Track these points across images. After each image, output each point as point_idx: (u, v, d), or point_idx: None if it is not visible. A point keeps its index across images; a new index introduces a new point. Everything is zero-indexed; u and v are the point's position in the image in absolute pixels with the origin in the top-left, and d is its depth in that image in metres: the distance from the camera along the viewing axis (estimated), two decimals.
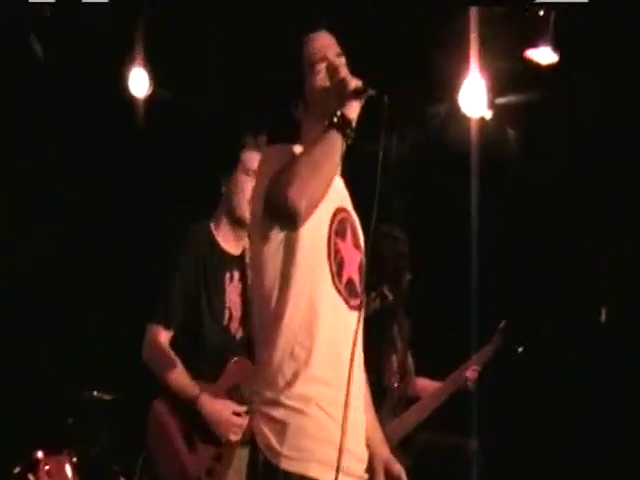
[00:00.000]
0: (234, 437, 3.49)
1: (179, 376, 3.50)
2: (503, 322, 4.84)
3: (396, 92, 2.65)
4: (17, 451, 4.11)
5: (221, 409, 3.48)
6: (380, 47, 4.96)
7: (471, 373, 4.77)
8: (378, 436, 2.73)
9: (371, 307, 4.62)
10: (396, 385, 4.81)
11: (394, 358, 4.83)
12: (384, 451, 2.71)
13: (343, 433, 2.40)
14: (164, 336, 3.57)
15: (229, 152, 3.72)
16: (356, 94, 2.49)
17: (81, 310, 5.82)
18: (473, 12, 5.04)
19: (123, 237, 5.95)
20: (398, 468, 2.70)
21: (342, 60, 2.63)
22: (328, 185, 2.46)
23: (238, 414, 3.50)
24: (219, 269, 3.64)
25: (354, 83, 2.50)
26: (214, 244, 3.67)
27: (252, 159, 3.57)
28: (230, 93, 5.79)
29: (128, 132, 5.95)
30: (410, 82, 5.17)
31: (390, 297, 4.78)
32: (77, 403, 4.59)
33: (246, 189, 3.57)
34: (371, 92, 2.49)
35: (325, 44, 2.64)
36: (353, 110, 2.48)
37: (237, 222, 3.66)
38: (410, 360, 5.04)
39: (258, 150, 3.58)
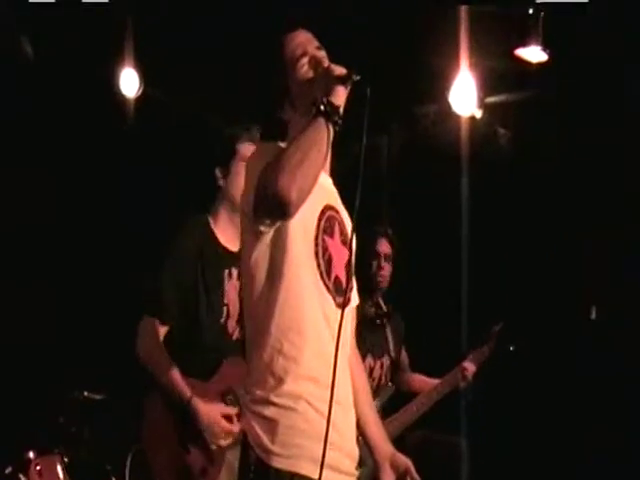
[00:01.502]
0: (224, 443, 3.44)
1: (172, 376, 3.44)
2: (499, 324, 4.83)
3: (386, 92, 2.66)
4: (8, 451, 4.10)
5: (211, 414, 3.43)
6: (370, 46, 4.96)
7: (468, 371, 4.78)
8: (381, 433, 2.73)
9: (367, 315, 4.67)
10: (390, 384, 4.84)
11: (384, 360, 4.86)
12: (388, 447, 2.71)
13: (327, 430, 2.40)
14: (159, 330, 3.52)
15: (224, 144, 3.66)
16: (341, 80, 2.50)
17: (72, 310, 5.82)
18: (463, 10, 5.05)
19: (113, 237, 5.94)
20: (404, 461, 2.69)
21: (323, 52, 2.65)
22: (318, 172, 2.45)
23: (229, 418, 3.46)
24: (218, 265, 3.58)
25: (338, 70, 2.52)
26: (213, 238, 3.62)
27: (248, 150, 3.51)
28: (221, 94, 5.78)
29: (118, 131, 5.95)
30: (400, 81, 5.17)
31: (384, 308, 4.84)
32: (68, 403, 4.58)
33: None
34: (355, 77, 2.50)
35: (304, 40, 2.67)
36: (339, 96, 2.49)
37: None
38: (405, 357, 5.09)
39: (252, 141, 3.55)
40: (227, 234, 3.63)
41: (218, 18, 5.26)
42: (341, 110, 2.49)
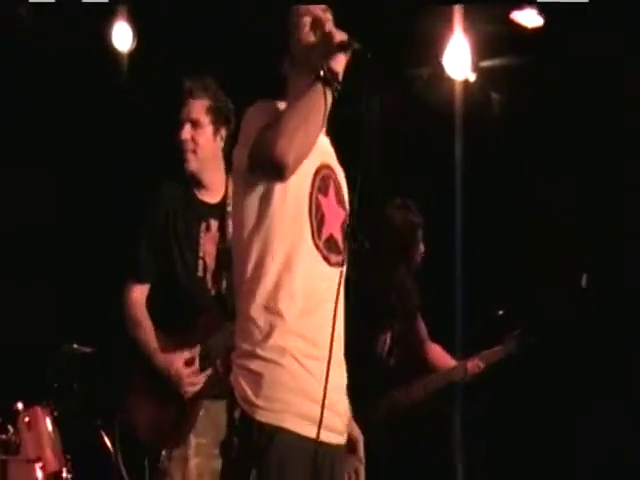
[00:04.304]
0: (190, 388, 3.47)
1: (142, 332, 3.54)
2: (519, 329, 4.77)
3: (380, 54, 2.66)
4: None
5: (171, 362, 3.47)
6: (364, 8, 4.93)
7: (472, 366, 4.76)
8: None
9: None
10: (392, 362, 4.80)
11: (388, 334, 4.83)
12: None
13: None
14: (138, 291, 3.60)
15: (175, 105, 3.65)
16: (341, 47, 2.52)
17: (61, 263, 5.83)
18: None
19: (102, 192, 5.92)
20: (357, 432, 2.74)
21: (328, 15, 2.66)
22: (315, 138, 2.50)
23: (190, 363, 3.48)
24: (193, 219, 3.60)
25: (339, 36, 2.53)
26: (190, 193, 3.64)
27: (192, 108, 3.55)
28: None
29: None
30: (394, 44, 5.15)
31: (367, 246, 4.75)
32: (57, 355, 4.60)
33: (192, 141, 3.56)
34: (356, 45, 2.51)
35: (313, 7, 2.66)
36: (339, 63, 2.51)
37: (194, 179, 3.63)
38: (422, 327, 5.00)
39: (201, 98, 3.56)
40: (200, 190, 3.65)
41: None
42: (340, 76, 2.51)
